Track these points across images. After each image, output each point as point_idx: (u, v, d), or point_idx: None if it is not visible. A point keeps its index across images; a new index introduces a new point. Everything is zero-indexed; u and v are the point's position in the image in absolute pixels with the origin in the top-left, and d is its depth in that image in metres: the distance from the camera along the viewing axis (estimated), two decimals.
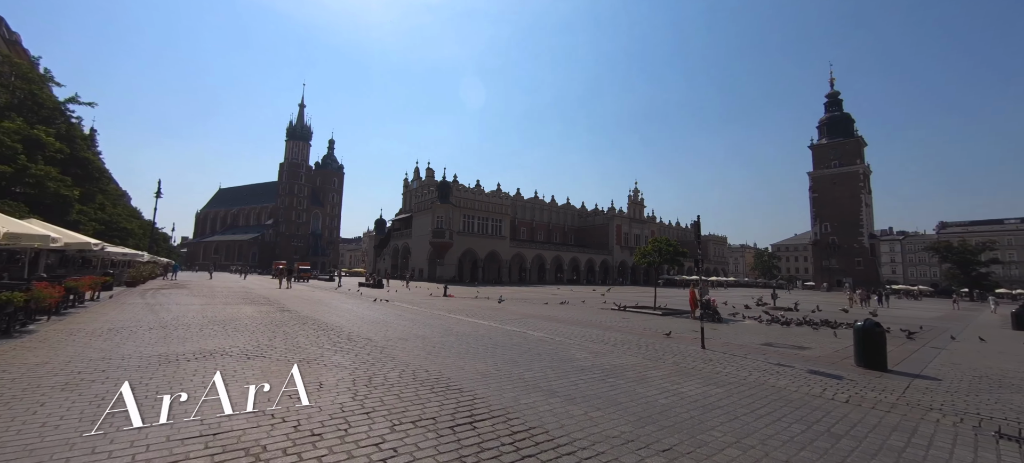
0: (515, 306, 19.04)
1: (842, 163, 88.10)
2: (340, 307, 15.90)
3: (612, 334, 10.89)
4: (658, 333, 11.38)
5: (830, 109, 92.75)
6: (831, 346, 10.18)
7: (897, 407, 5.20)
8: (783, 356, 8.57)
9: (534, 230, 78.57)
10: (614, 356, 7.87)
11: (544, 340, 9.49)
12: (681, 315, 17.29)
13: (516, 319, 13.67)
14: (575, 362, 7.13)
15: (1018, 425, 4.64)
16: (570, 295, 30.63)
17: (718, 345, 9.59)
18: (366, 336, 9.01)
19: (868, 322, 7.78)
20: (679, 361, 7.60)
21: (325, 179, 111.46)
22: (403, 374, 5.72)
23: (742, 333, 12.12)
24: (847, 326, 14.29)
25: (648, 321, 14.53)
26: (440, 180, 60.69)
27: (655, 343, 9.62)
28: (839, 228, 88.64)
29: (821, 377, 6.72)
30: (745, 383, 6.11)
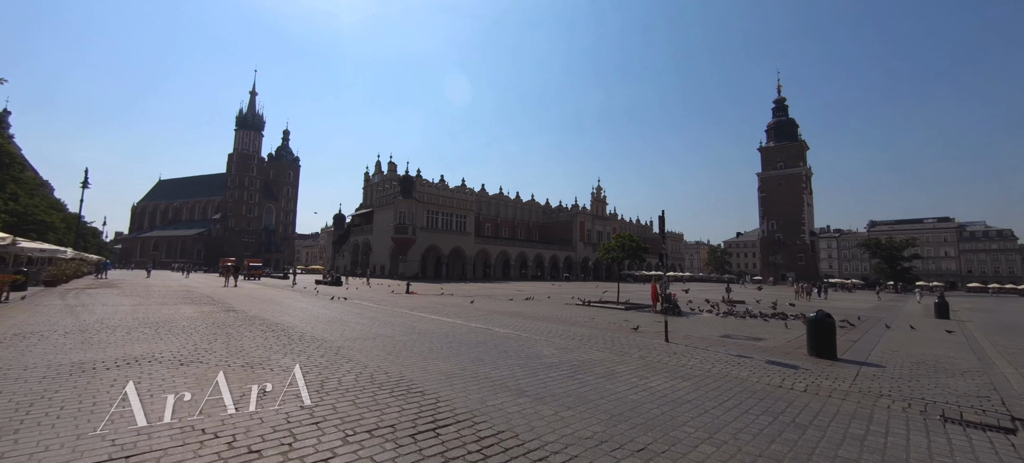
0: (481, 303, 18.73)
1: (787, 165, 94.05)
2: (293, 306, 14.95)
3: (578, 329, 10.84)
4: (623, 327, 11.46)
5: (777, 114, 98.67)
6: (784, 337, 10.63)
7: (851, 395, 5.38)
8: (742, 347, 8.81)
9: (499, 226, 78.44)
10: (581, 352, 7.76)
11: (511, 337, 9.26)
12: (643, 309, 17.65)
13: (482, 316, 13.38)
14: (543, 359, 6.95)
15: (958, 408, 4.90)
16: (535, 291, 30.67)
17: (680, 338, 9.76)
18: (320, 336, 8.41)
19: (820, 314, 8.13)
20: (645, 355, 7.60)
21: (279, 172, 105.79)
22: (360, 377, 5.29)
23: (701, 326, 12.45)
24: (795, 318, 15.09)
25: (612, 316, 14.67)
26: (403, 174, 59.13)
27: (621, 338, 9.64)
28: (784, 226, 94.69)
29: (779, 367, 6.91)
30: (710, 375, 6.16)
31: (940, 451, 3.64)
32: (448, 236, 61.00)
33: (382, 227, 60.05)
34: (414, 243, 55.87)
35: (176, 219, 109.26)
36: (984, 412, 4.82)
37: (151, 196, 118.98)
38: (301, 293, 22.39)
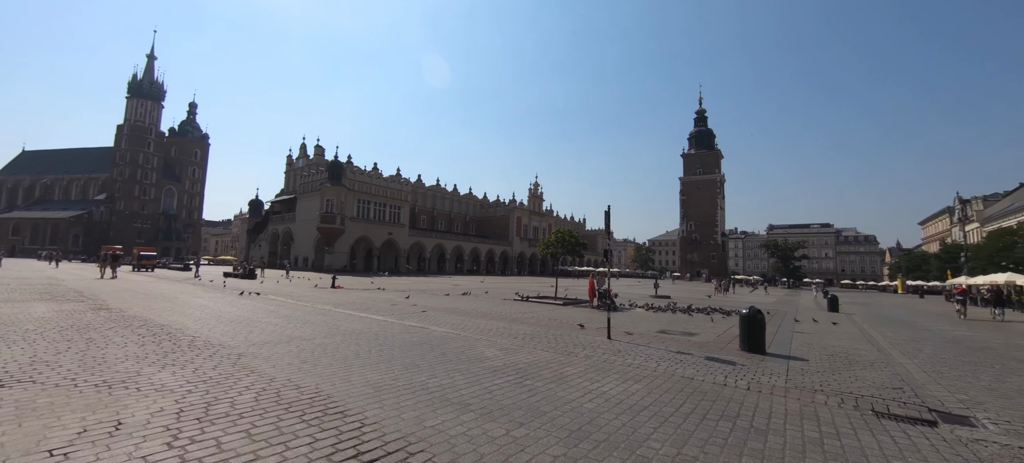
0: (416, 298, 17.64)
1: (705, 172, 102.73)
2: (190, 303, 12.80)
3: (520, 327, 10.38)
4: (564, 324, 11.23)
5: (698, 124, 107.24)
6: (713, 331, 11.08)
7: (790, 392, 5.44)
8: (679, 343, 8.91)
9: (435, 219, 76.37)
10: (526, 352, 7.27)
11: (449, 337, 8.52)
12: (581, 304, 17.77)
13: (417, 313, 12.43)
14: (486, 362, 6.33)
15: (884, 402, 5.12)
16: (472, 285, 29.98)
17: (621, 334, 9.69)
18: (218, 341, 7.02)
19: (752, 310, 8.43)
20: (591, 354, 7.31)
21: (183, 149, 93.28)
22: (262, 395, 4.26)
23: (638, 321, 12.64)
24: (714, 311, 16.04)
25: (552, 312, 14.48)
26: (331, 159, 54.95)
27: (564, 335, 9.34)
28: (701, 227, 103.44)
29: (718, 364, 6.96)
30: (658, 375, 5.97)
31: (890, 451, 3.62)
32: (381, 227, 57.92)
33: (306, 215, 55.39)
34: (342, 234, 52.23)
35: (46, 199, 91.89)
36: (905, 404, 5.08)
37: (11, 169, 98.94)
38: (203, 287, 19.54)
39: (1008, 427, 4.38)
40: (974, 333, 13.22)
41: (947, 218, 79.51)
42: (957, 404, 5.20)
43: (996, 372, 7.17)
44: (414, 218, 70.89)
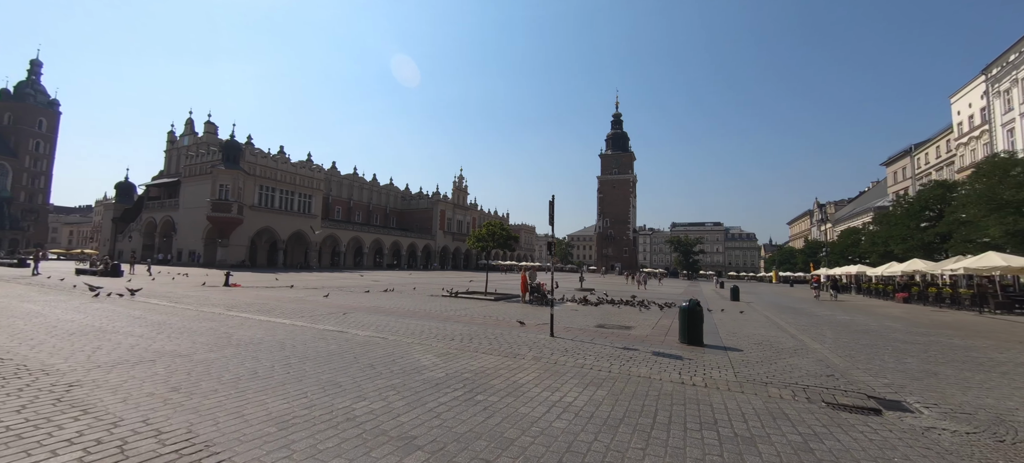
0: (333, 296, 15.66)
1: (620, 171, 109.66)
2: (15, 309, 9.71)
3: (455, 326, 9.45)
4: (502, 321, 10.54)
5: (615, 127, 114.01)
6: (647, 324, 11.21)
7: (746, 386, 5.32)
8: (620, 338, 8.73)
9: (352, 210, 71.12)
10: (468, 357, 6.40)
11: (375, 341, 7.31)
12: (512, 299, 17.28)
13: (333, 313, 10.82)
14: (425, 373, 5.35)
15: (831, 392, 5.20)
16: (394, 281, 28.03)
17: (562, 330, 9.27)
18: (44, 363, 5.08)
19: (691, 303, 8.49)
20: (539, 355, 6.68)
21: (21, 117, 74.95)
22: (93, 453, 2.86)
23: (573, 316, 12.42)
24: (638, 303, 16.62)
25: (485, 308, 13.71)
26: (227, 139, 47.94)
27: (505, 334, 8.62)
28: (615, 223, 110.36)
29: (667, 359, 6.78)
30: (615, 377, 5.53)
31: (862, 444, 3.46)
32: (288, 218, 52.11)
33: (193, 202, 47.75)
34: (241, 224, 45.92)
35: None
36: (846, 392, 5.20)
37: None
38: (42, 287, 15.38)
39: (939, 410, 4.60)
40: (838, 314, 15.24)
41: (808, 219, 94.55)
42: (884, 389, 5.47)
43: (893, 354, 7.99)
44: (328, 209, 65.21)
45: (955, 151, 37.37)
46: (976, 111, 34.13)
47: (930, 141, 43.56)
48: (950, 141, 38.83)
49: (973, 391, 5.42)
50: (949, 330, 11.63)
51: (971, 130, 34.88)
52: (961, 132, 36.50)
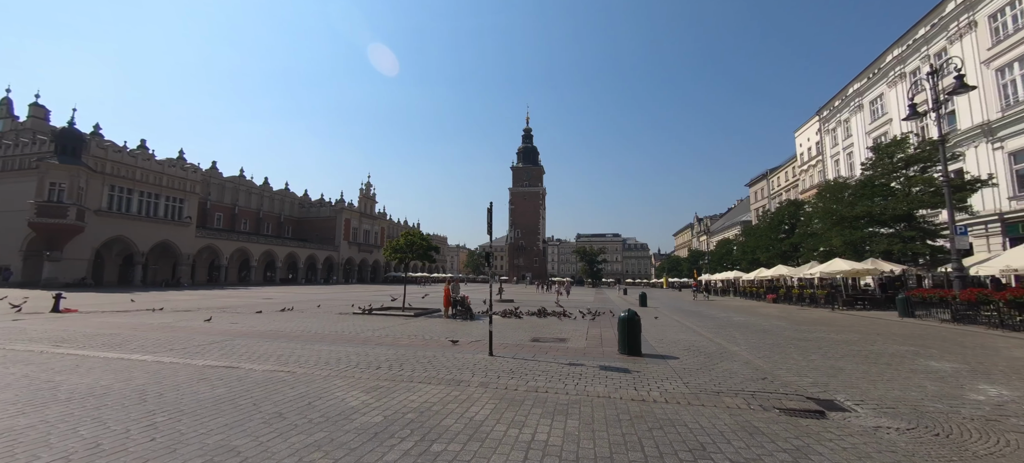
0: (218, 320, 12.91)
1: (530, 184, 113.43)
2: None
3: (379, 351, 8.22)
4: (430, 341, 9.53)
5: (525, 141, 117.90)
6: (579, 334, 11.12)
7: (702, 398, 5.24)
8: (561, 353, 8.38)
9: (237, 217, 62.26)
10: (405, 390, 5.41)
11: (280, 379, 5.88)
12: (433, 314, 16.17)
13: (216, 343, 8.74)
14: (355, 418, 4.28)
15: (777, 396, 5.34)
16: (292, 298, 24.67)
17: (498, 347, 8.63)
18: None
19: (630, 313, 8.49)
20: (486, 380, 5.95)
21: None
22: None
23: (505, 330, 11.87)
24: (561, 313, 16.75)
25: (406, 326, 12.46)
26: (64, 126, 38.43)
27: (439, 357, 7.69)
28: (526, 234, 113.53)
29: (616, 373, 6.55)
30: (576, 400, 5.05)
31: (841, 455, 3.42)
32: (150, 225, 43.38)
33: (7, 205, 37.22)
34: (81, 232, 36.87)
35: None
36: (788, 396, 5.40)
37: None
38: None
39: (869, 407, 4.94)
40: (732, 316, 17.09)
41: (690, 231, 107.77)
42: (813, 388, 5.83)
43: (797, 352, 8.84)
44: (205, 215, 56.17)
45: (799, 176, 45.52)
46: (813, 144, 42.00)
47: (781, 167, 52.55)
48: (795, 168, 47.22)
49: (879, 384, 6.04)
50: (821, 326, 13.56)
51: (809, 160, 42.80)
52: (802, 160, 44.59)
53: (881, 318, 15.67)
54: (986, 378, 6.33)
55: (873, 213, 21.00)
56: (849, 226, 22.32)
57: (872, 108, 31.47)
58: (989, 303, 11.81)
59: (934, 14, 25.21)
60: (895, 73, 28.54)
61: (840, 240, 22.20)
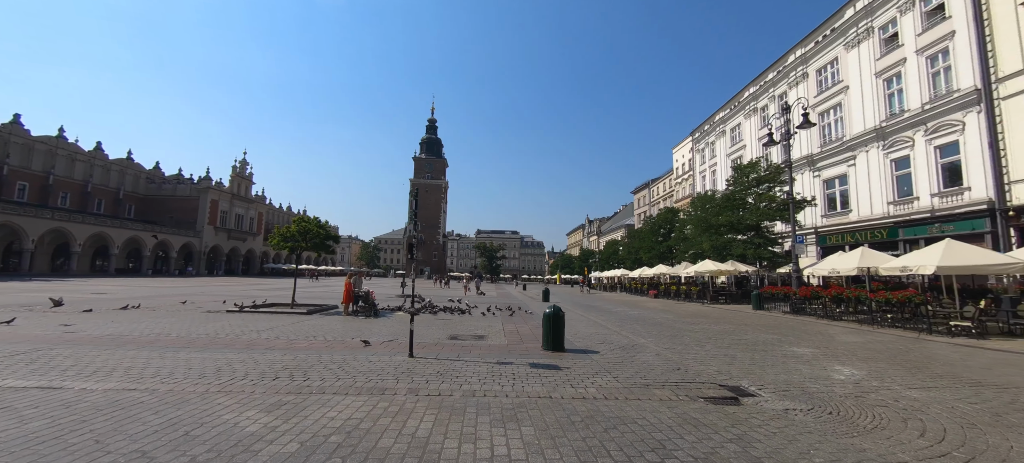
0: (25, 321, 9.59)
1: (433, 176, 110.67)
2: None
3: (272, 357, 6.90)
4: (336, 342, 8.37)
5: (429, 132, 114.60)
6: (496, 330, 10.90)
7: (636, 392, 5.38)
8: (485, 351, 8.05)
9: (52, 189, 48.85)
10: (319, 405, 4.52)
11: (134, 401, 4.46)
12: (329, 311, 14.54)
13: (21, 356, 6.43)
14: (261, 450, 3.36)
15: (697, 386, 5.74)
16: (138, 293, 19.98)
17: (420, 349, 7.93)
18: None
19: (555, 309, 8.50)
20: (415, 386, 5.32)
21: None
22: None
23: (419, 327, 11.07)
24: (464, 309, 16.45)
25: (299, 325, 10.87)
26: None
27: (351, 361, 6.73)
28: (426, 227, 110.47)
29: (548, 370, 6.44)
30: (521, 404, 4.77)
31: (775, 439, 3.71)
32: None
33: None
34: None
35: None
36: (705, 385, 5.85)
37: None
38: None
39: (770, 391, 5.58)
40: (628, 310, 18.72)
41: (581, 232, 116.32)
42: (720, 376, 6.43)
43: (693, 342, 9.81)
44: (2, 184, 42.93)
45: (675, 187, 52.13)
46: (686, 160, 48.45)
47: (660, 178, 59.61)
48: (672, 179, 53.96)
49: (766, 369, 6.93)
50: (700, 318, 15.48)
51: (683, 173, 49.28)
52: (678, 174, 51.16)
53: (740, 310, 18.59)
54: (837, 360, 7.73)
55: (733, 222, 24.89)
56: (715, 232, 26.13)
57: (732, 134, 37.37)
58: (819, 298, 14.78)
59: (779, 63, 30.88)
60: (750, 107, 34.27)
61: (708, 244, 25.85)
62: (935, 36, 19.65)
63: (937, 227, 18.99)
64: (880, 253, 15.45)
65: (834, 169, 25.15)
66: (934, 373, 6.63)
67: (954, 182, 18.82)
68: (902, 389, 5.70)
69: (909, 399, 5.22)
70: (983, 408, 4.86)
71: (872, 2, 22.89)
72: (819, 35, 27.12)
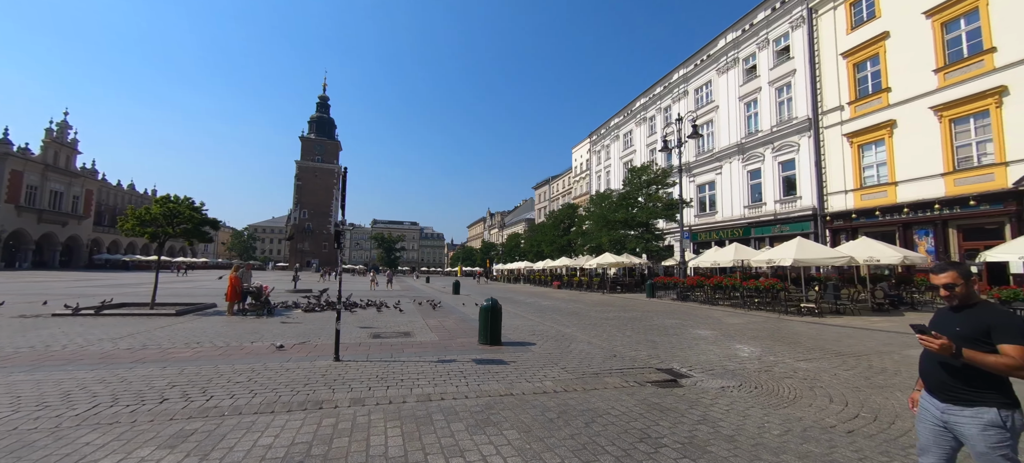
0: None
1: (324, 160, 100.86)
2: None
3: (140, 372, 5.42)
4: (235, 349, 6.98)
5: (321, 110, 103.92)
6: (421, 326, 10.28)
7: (589, 381, 5.47)
8: (418, 349, 7.49)
9: None
10: (244, 432, 3.63)
11: None
12: (205, 311, 12.27)
13: None
14: None
15: (639, 371, 6.05)
16: None
17: (340, 349, 7.02)
18: None
19: (492, 302, 8.24)
20: (361, 397, 4.63)
21: None
22: None
23: (328, 326, 9.88)
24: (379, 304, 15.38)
25: (173, 331, 8.86)
26: None
27: (263, 371, 5.63)
28: (315, 216, 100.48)
29: (497, 365, 6.22)
30: (488, 405, 4.47)
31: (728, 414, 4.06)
32: None
33: None
34: None
35: None
36: (645, 370, 6.21)
37: None
38: None
39: (700, 372, 6.14)
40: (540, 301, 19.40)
41: (482, 224, 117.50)
42: (653, 360, 6.90)
43: (615, 329, 10.43)
44: None
45: (574, 184, 55.65)
46: (585, 160, 52.03)
47: (560, 175, 63.07)
48: (571, 177, 57.49)
49: (687, 352, 7.66)
50: (608, 307, 16.68)
51: (581, 172, 52.85)
52: (576, 172, 54.69)
53: (636, 298, 20.59)
54: (733, 339, 8.92)
55: (627, 219, 27.46)
56: (612, 228, 28.53)
57: (625, 139, 41.15)
58: (702, 286, 17.07)
59: (666, 79, 34.85)
60: (640, 116, 38.07)
61: (607, 239, 28.12)
62: (782, 72, 24.06)
63: (778, 228, 23.42)
64: (749, 248, 18.46)
65: (706, 176, 29.33)
66: (807, 347, 8.06)
67: (790, 192, 23.36)
68: (793, 361, 6.78)
69: (804, 370, 6.21)
70: (856, 374, 6.01)
71: (739, 37, 27.10)
72: (698, 59, 31.26)
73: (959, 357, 2.01)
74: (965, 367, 2.04)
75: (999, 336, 1.98)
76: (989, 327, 2.02)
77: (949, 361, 2.07)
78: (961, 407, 2.06)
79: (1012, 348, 1.93)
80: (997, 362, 1.94)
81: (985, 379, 2.02)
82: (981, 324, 2.05)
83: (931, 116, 16.90)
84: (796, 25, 23.38)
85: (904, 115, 17.89)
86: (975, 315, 2.10)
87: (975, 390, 2.03)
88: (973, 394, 2.03)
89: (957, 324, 2.12)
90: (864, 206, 19.26)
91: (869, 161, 19.53)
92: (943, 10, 16.73)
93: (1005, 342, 1.95)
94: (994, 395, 2.01)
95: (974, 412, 2.02)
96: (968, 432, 2.02)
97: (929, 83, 17.09)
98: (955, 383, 2.08)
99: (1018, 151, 14.38)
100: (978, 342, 2.02)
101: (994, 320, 2.03)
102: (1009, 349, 1.93)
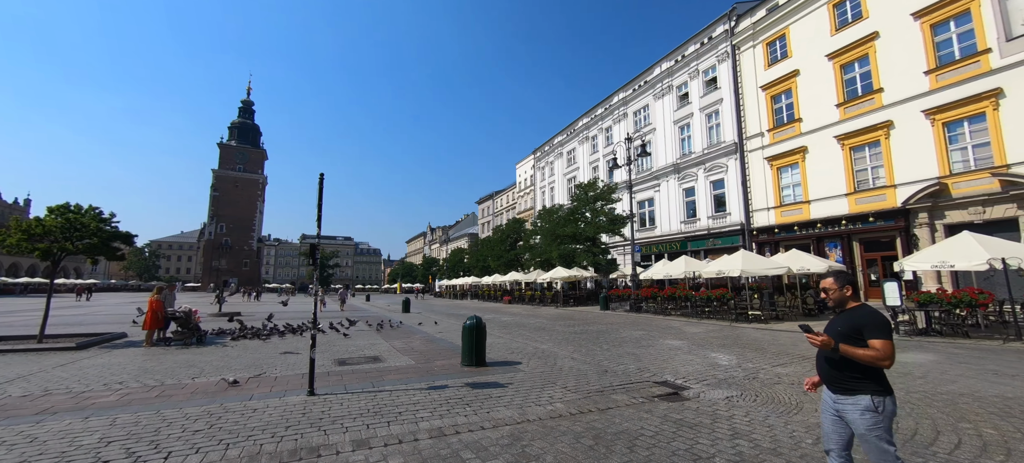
0: None
1: (247, 169, 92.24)
2: None
3: (52, 427, 4.31)
4: (177, 390, 5.81)
5: (244, 115, 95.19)
6: (388, 349, 9.49)
7: (599, 400, 5.29)
8: (400, 375, 6.84)
9: None
10: None
11: None
12: (115, 342, 10.37)
13: None
14: None
15: (636, 385, 6.00)
16: None
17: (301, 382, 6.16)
18: None
19: (476, 320, 7.80)
20: (361, 439, 4.04)
21: None
22: None
23: (285, 357, 8.75)
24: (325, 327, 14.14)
25: (81, 369, 7.28)
26: None
27: (220, 413, 4.73)
28: (234, 230, 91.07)
29: (494, 389, 5.82)
30: (509, 436, 4.09)
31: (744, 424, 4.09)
32: None
33: None
34: None
35: None
36: (642, 384, 6.18)
37: None
38: None
39: (695, 383, 6.23)
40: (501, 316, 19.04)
41: (423, 239, 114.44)
42: (644, 374, 6.91)
43: (587, 343, 10.38)
44: None
45: (518, 199, 56.29)
46: (529, 176, 52.96)
47: (504, 190, 63.54)
48: (515, 193, 58.14)
49: (671, 363, 7.79)
50: (569, 321, 16.75)
51: (526, 187, 53.68)
52: (520, 187, 55.46)
53: (590, 311, 21.01)
54: (705, 348, 9.28)
55: (574, 234, 28.21)
56: (562, 242, 29.12)
57: (569, 156, 42.57)
58: (656, 298, 17.85)
59: (606, 101, 36.75)
60: (583, 135, 39.68)
61: (556, 253, 28.61)
62: (711, 100, 26.44)
63: (711, 241, 25.41)
64: (698, 260, 19.69)
65: (645, 193, 31.14)
66: (774, 353, 8.61)
67: (721, 208, 25.52)
68: (771, 368, 7.16)
69: (786, 376, 6.56)
70: None
71: (672, 66, 29.43)
72: (636, 84, 33.39)
73: (837, 351, 2.30)
74: (843, 360, 2.33)
75: (868, 332, 2.28)
76: (861, 325, 2.31)
77: (830, 355, 2.38)
78: (845, 396, 2.34)
79: (878, 342, 2.23)
80: (865, 354, 2.23)
81: (862, 370, 2.30)
82: (855, 322, 2.35)
83: (835, 144, 19.47)
84: (722, 59, 25.92)
85: (814, 142, 20.43)
86: (851, 315, 2.41)
87: (855, 380, 2.31)
88: (853, 383, 2.31)
89: (839, 324, 2.42)
90: (784, 222, 21.54)
91: (786, 182, 21.97)
92: (842, 54, 19.49)
93: (873, 337, 2.26)
94: (869, 383, 2.28)
95: (854, 400, 2.29)
96: (851, 417, 2.30)
97: (831, 116, 19.72)
98: (840, 375, 2.36)
99: (905, 175, 16.98)
100: (853, 338, 2.31)
101: (865, 319, 2.33)
102: (875, 343, 2.24)
